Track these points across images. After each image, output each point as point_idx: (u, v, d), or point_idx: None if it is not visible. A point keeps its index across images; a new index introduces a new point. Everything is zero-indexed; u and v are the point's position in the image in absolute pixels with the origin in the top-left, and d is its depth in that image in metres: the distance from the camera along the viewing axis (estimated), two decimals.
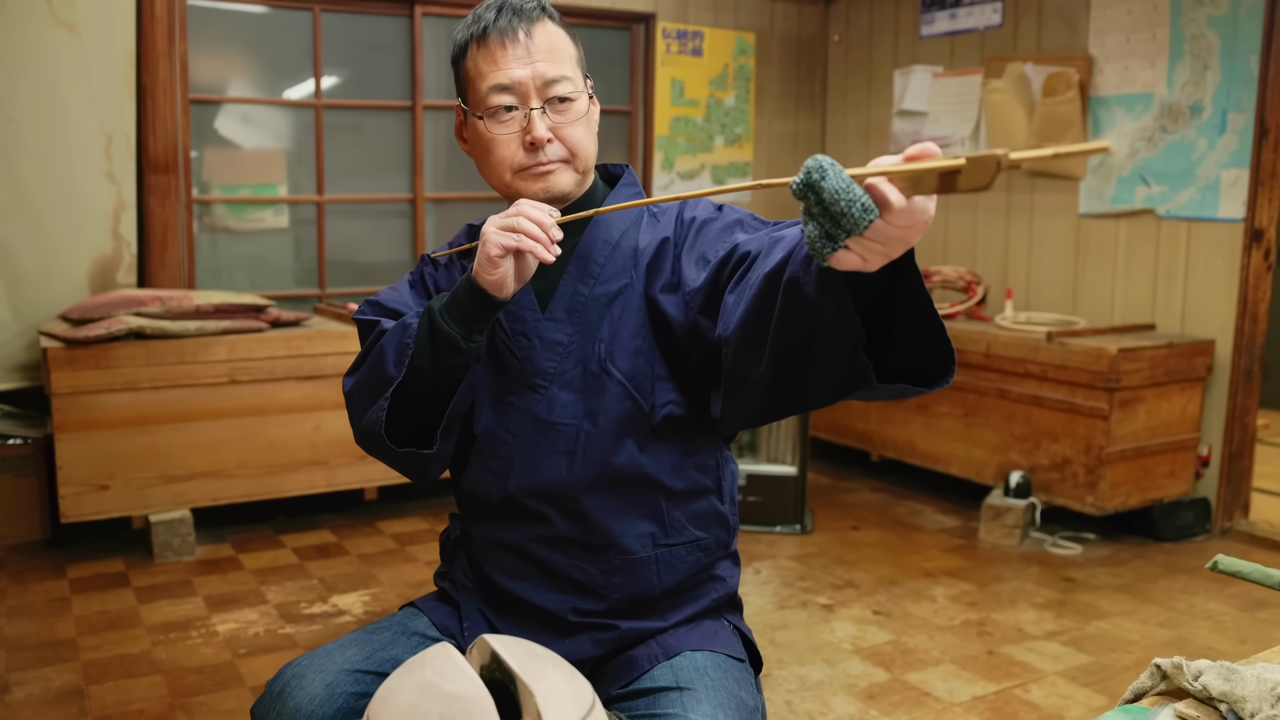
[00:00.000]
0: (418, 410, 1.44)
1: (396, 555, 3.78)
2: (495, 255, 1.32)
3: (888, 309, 1.17)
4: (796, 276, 1.11)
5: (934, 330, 1.13)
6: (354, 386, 1.49)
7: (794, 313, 1.13)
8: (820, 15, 5.73)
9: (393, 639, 1.50)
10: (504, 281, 1.34)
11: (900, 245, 0.96)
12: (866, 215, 0.91)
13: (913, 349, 1.17)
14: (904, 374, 1.18)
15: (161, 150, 4.23)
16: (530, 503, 1.50)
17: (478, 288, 1.35)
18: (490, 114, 1.46)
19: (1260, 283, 4.02)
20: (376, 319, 1.52)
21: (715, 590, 1.59)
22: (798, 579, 3.60)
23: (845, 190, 0.90)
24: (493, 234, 1.33)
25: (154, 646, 3.00)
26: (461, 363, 1.40)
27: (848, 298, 1.07)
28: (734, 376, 1.29)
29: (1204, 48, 4.01)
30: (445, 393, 1.43)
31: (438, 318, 1.38)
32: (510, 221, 1.32)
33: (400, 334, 1.42)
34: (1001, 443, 4.20)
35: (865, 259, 0.97)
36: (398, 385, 1.39)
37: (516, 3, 1.48)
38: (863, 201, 0.90)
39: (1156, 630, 3.22)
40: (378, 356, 1.44)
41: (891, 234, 0.94)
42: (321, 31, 4.56)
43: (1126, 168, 4.31)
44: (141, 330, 3.59)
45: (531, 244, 1.31)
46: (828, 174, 0.90)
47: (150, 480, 3.67)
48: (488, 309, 1.37)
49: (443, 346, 1.38)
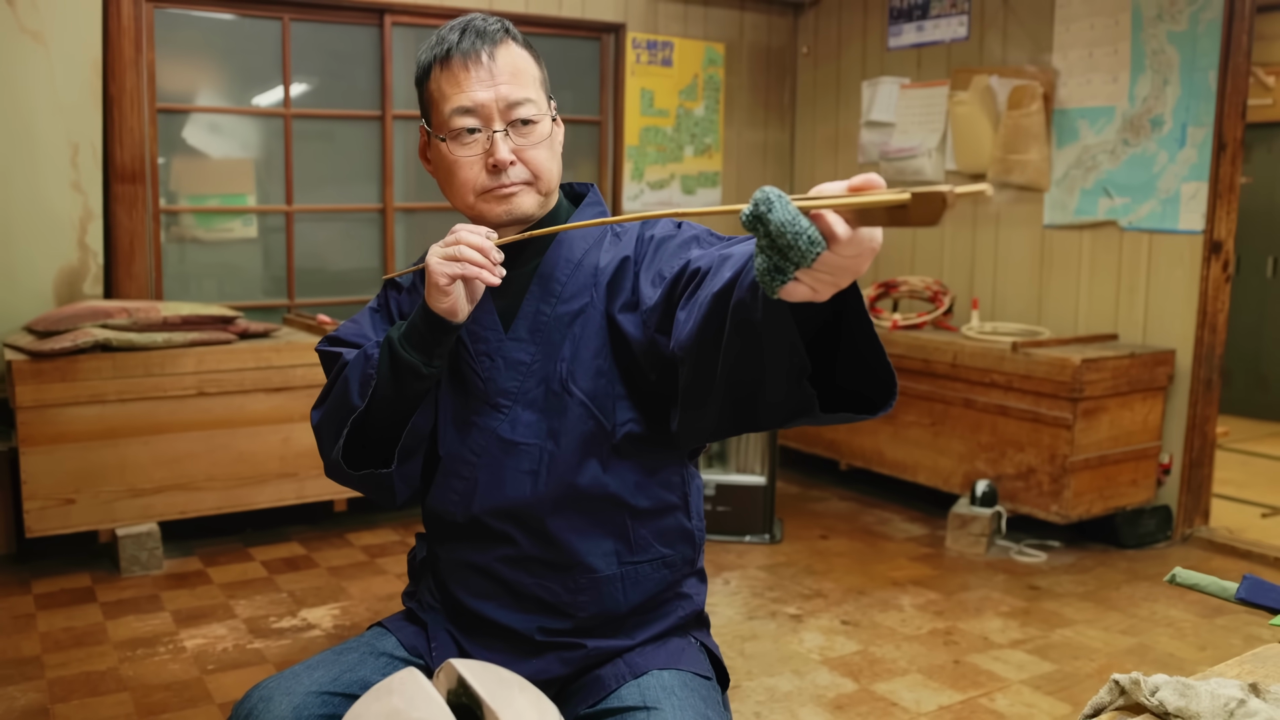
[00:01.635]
0: (385, 434, 1.47)
1: (366, 568, 3.78)
2: (443, 284, 1.36)
3: (832, 336, 1.18)
4: (744, 301, 1.12)
5: (876, 354, 1.14)
6: (321, 419, 1.52)
7: (740, 337, 1.14)
8: (789, 26, 5.77)
9: (361, 660, 1.51)
10: (455, 307, 1.38)
11: (849, 275, 0.96)
12: (814, 248, 0.90)
13: (856, 373, 1.18)
14: (847, 400, 1.19)
15: (128, 160, 4.20)
16: (495, 523, 1.51)
17: (433, 315, 1.39)
18: (453, 136, 1.47)
19: (1219, 294, 4.09)
20: (338, 351, 1.54)
21: (682, 608, 1.60)
22: (767, 589, 3.63)
23: (792, 223, 0.89)
24: (436, 264, 1.36)
25: (121, 663, 2.98)
26: (424, 388, 1.43)
27: (793, 328, 1.07)
28: (688, 392, 1.31)
29: (1164, 63, 4.08)
30: (405, 416, 1.46)
31: (398, 347, 1.42)
32: (451, 251, 1.36)
33: (363, 364, 1.45)
34: (968, 452, 4.24)
35: (815, 289, 0.96)
36: (363, 414, 1.42)
37: (480, 24, 1.49)
38: (809, 234, 0.89)
39: (1119, 638, 3.27)
40: (342, 387, 1.47)
41: (840, 264, 0.93)
42: (290, 40, 4.55)
43: (1090, 180, 4.37)
44: (108, 342, 3.57)
45: (476, 270, 1.35)
46: (774, 206, 0.89)
47: (117, 494, 3.65)
48: (446, 334, 1.41)
49: (405, 374, 1.41)
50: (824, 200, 0.90)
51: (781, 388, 1.15)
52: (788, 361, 1.11)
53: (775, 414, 1.20)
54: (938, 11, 4.97)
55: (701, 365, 1.25)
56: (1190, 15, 3.98)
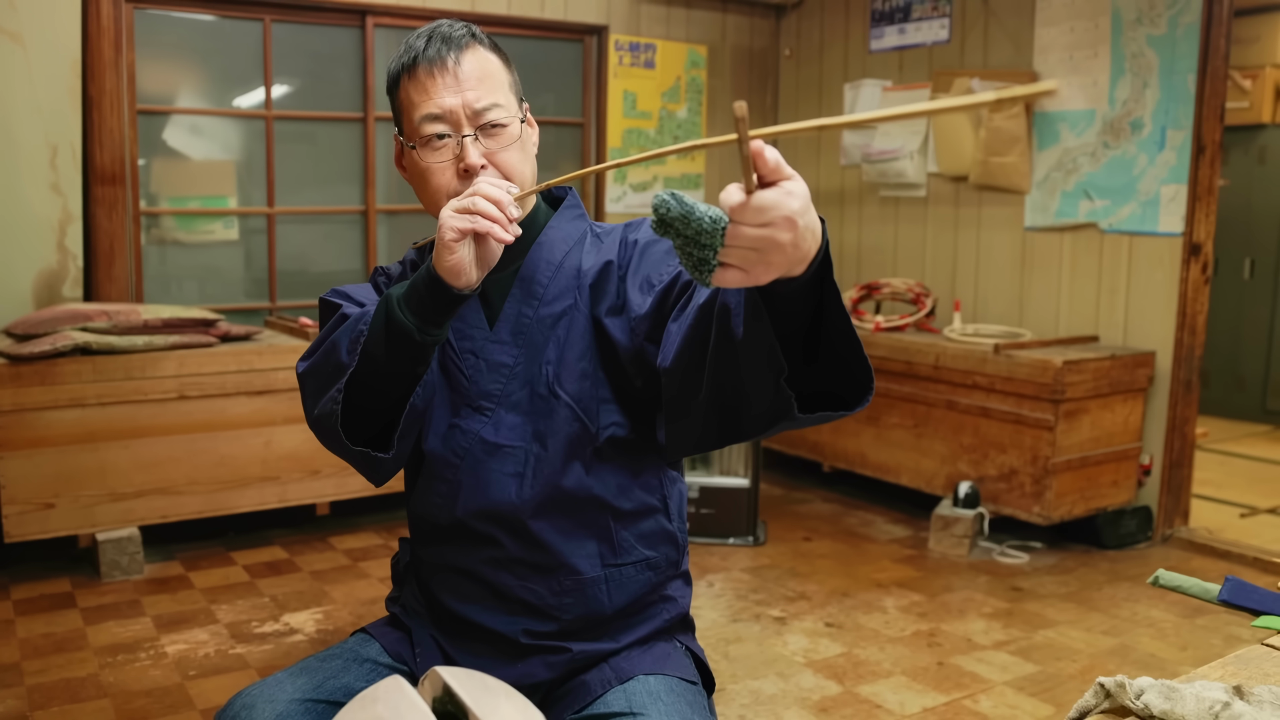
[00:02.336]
0: (371, 402, 1.41)
1: (349, 571, 3.76)
2: (450, 239, 1.30)
3: (811, 338, 1.19)
4: (728, 305, 1.15)
5: (854, 352, 1.15)
6: (306, 370, 1.47)
7: (724, 343, 1.17)
8: (772, 29, 5.78)
9: (344, 666, 1.50)
10: (460, 266, 1.31)
11: (776, 249, 0.96)
12: (717, 224, 0.94)
13: (834, 373, 1.19)
14: (823, 400, 1.21)
15: (108, 162, 4.18)
16: (479, 525, 1.50)
17: (435, 276, 1.33)
18: (424, 143, 1.47)
19: (1198, 295, 4.11)
20: (339, 303, 1.51)
21: (667, 611, 1.60)
22: (751, 591, 3.63)
23: (690, 209, 0.94)
24: (448, 217, 1.31)
25: (101, 669, 2.96)
26: (417, 356, 1.37)
27: (769, 326, 1.10)
28: (675, 404, 1.31)
29: (1144, 66, 4.10)
30: (400, 387, 1.40)
31: (395, 306, 1.36)
32: (466, 203, 1.31)
33: (356, 322, 1.40)
34: (950, 453, 4.26)
35: (746, 270, 0.97)
36: (351, 378, 1.37)
37: (446, 30, 1.48)
38: (710, 214, 0.94)
39: (1101, 639, 3.28)
40: (332, 344, 1.42)
41: (755, 236, 0.94)
42: (272, 42, 4.53)
43: (1070, 182, 4.39)
44: (88, 346, 3.55)
45: (488, 224, 1.29)
46: (669, 204, 0.94)
47: (97, 498, 3.62)
48: (446, 299, 1.34)
49: (397, 336, 1.36)
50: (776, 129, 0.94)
51: (761, 391, 1.16)
52: (767, 364, 1.12)
53: (758, 420, 1.21)
54: (919, 14, 4.99)
55: (689, 378, 1.25)
56: (1169, 19, 4.01)
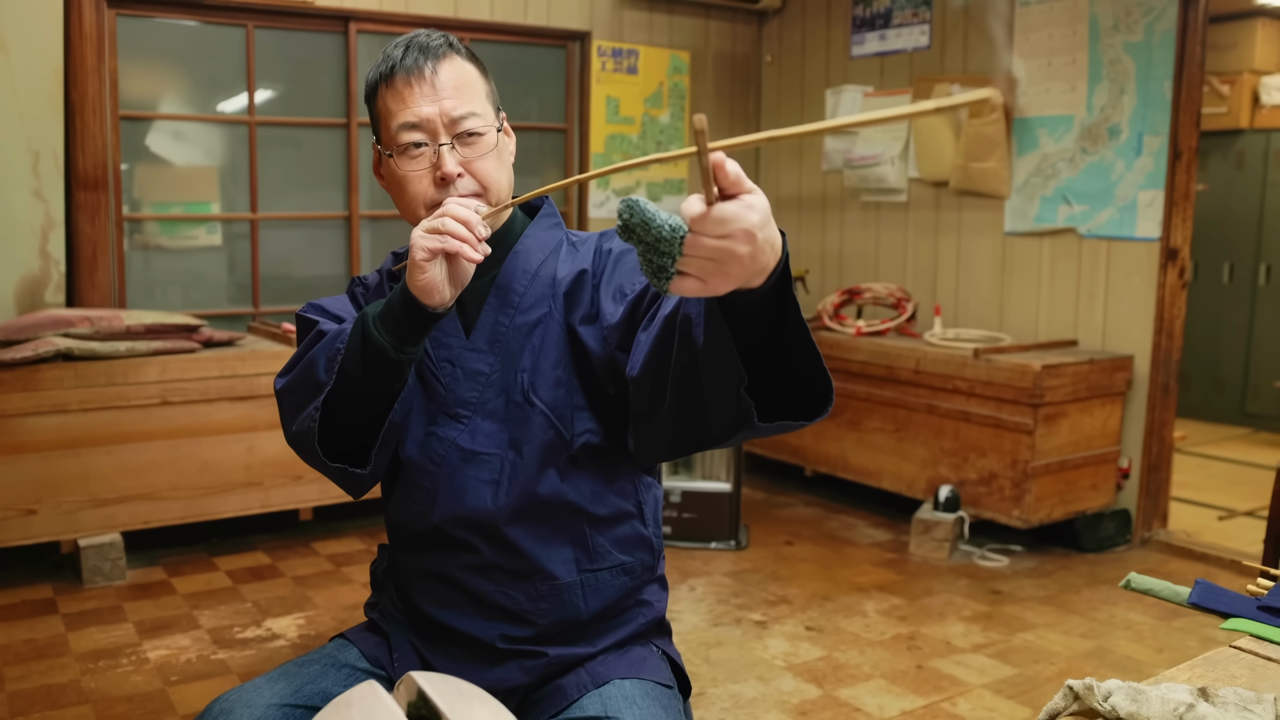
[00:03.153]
0: (349, 419, 1.43)
1: (332, 576, 3.77)
2: (421, 259, 1.31)
3: (773, 349, 1.20)
4: (689, 315, 1.16)
5: (813, 362, 1.17)
6: (284, 387, 1.48)
7: (686, 355, 1.18)
8: (754, 34, 5.81)
9: (322, 671, 1.51)
10: (432, 285, 1.32)
11: (733, 261, 0.97)
12: (676, 233, 0.96)
13: (793, 383, 1.21)
14: (783, 408, 1.22)
15: (91, 167, 4.18)
16: (456, 532, 1.52)
17: (409, 295, 1.34)
18: (401, 151, 1.48)
19: (1176, 300, 4.15)
20: (316, 319, 1.52)
21: (643, 615, 1.61)
22: (732, 595, 3.65)
23: (652, 216, 0.96)
24: (418, 237, 1.32)
25: (82, 675, 2.96)
26: (393, 374, 1.39)
27: (729, 336, 1.11)
28: (642, 413, 1.33)
29: (1121, 72, 4.14)
30: (378, 404, 1.41)
31: (370, 325, 1.37)
32: (435, 223, 1.32)
33: (334, 340, 1.42)
34: (931, 457, 4.29)
35: (704, 280, 0.98)
36: (329, 396, 1.38)
37: (423, 40, 1.50)
38: (670, 222, 0.96)
39: (1078, 641, 3.31)
40: (310, 361, 1.43)
41: (713, 247, 0.95)
42: (255, 47, 4.54)
43: (1049, 188, 4.43)
44: (70, 352, 3.55)
45: (457, 244, 1.30)
46: (634, 209, 0.96)
47: (80, 504, 3.62)
48: (420, 318, 1.35)
49: (373, 355, 1.37)
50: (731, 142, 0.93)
51: (723, 400, 1.17)
52: (726, 374, 1.13)
53: (719, 428, 1.23)
54: (900, 20, 5.02)
55: (655, 387, 1.27)
56: (1145, 26, 4.05)
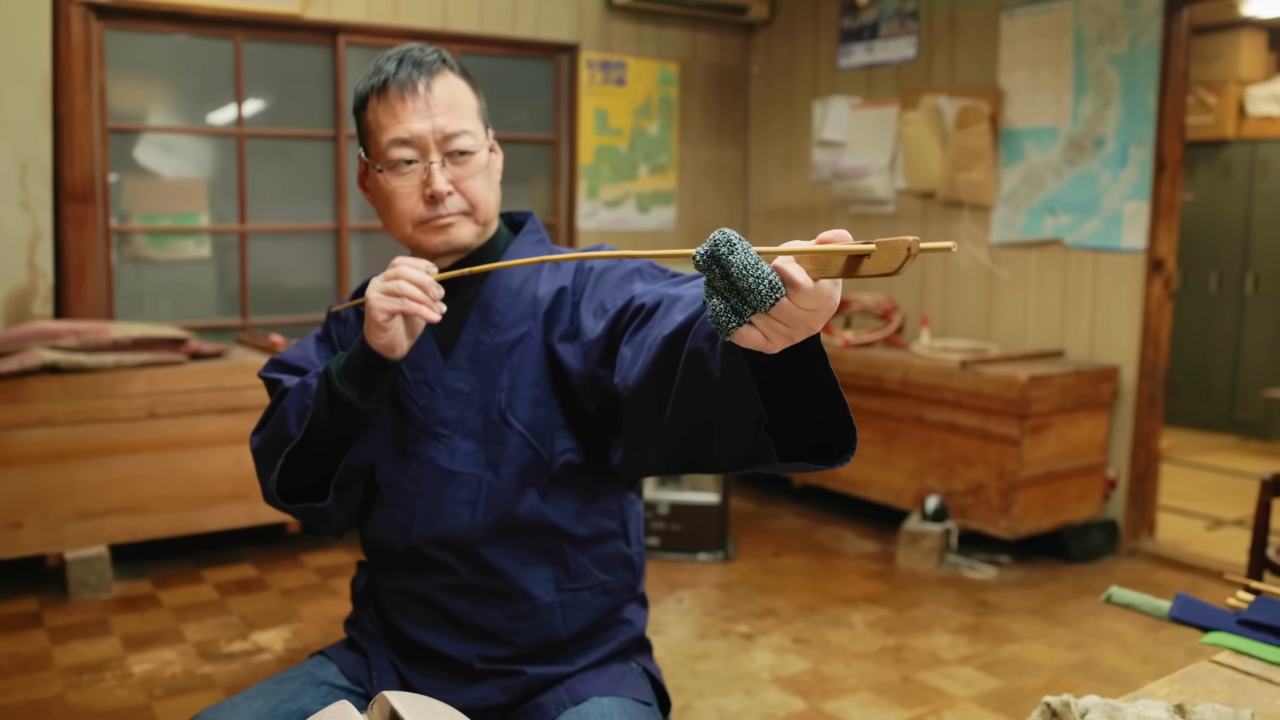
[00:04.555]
0: (323, 463, 1.47)
1: (319, 589, 3.76)
2: (382, 320, 1.35)
3: (793, 387, 1.14)
4: (700, 349, 1.09)
5: (837, 408, 1.10)
6: (259, 445, 1.52)
7: (695, 385, 1.11)
8: (742, 46, 5.82)
9: (300, 689, 1.51)
10: (394, 343, 1.38)
11: (804, 329, 0.94)
12: (774, 293, 0.89)
13: (815, 425, 1.13)
14: (806, 448, 1.15)
15: (79, 179, 4.18)
16: (433, 552, 1.52)
17: (370, 351, 1.38)
18: (390, 167, 1.49)
19: (1161, 310, 4.17)
20: (279, 377, 1.54)
21: (623, 633, 1.62)
22: (719, 607, 3.65)
23: (754, 266, 0.88)
24: (376, 299, 1.36)
25: (66, 690, 2.95)
26: (362, 422, 1.43)
27: (749, 376, 1.04)
28: (634, 431, 1.28)
29: (1106, 84, 4.16)
30: (347, 446, 1.46)
31: (334, 380, 1.42)
32: (390, 286, 1.36)
33: (301, 394, 1.45)
34: (919, 468, 4.29)
35: (768, 339, 0.94)
36: (301, 444, 1.42)
37: (417, 55, 1.50)
38: (770, 279, 0.89)
39: (1065, 653, 3.32)
40: (280, 417, 1.47)
41: (797, 315, 0.91)
42: (244, 60, 4.54)
43: (1036, 198, 4.44)
44: (56, 364, 3.54)
45: (416, 306, 1.35)
46: (736, 249, 0.89)
47: (66, 517, 3.61)
48: (383, 369, 1.40)
49: (340, 408, 1.41)
50: (785, 249, 0.90)
51: (735, 435, 1.11)
52: (743, 411, 1.07)
53: (730, 460, 1.15)
54: (887, 32, 5.04)
55: (649, 407, 1.22)
56: (1130, 38, 4.07)
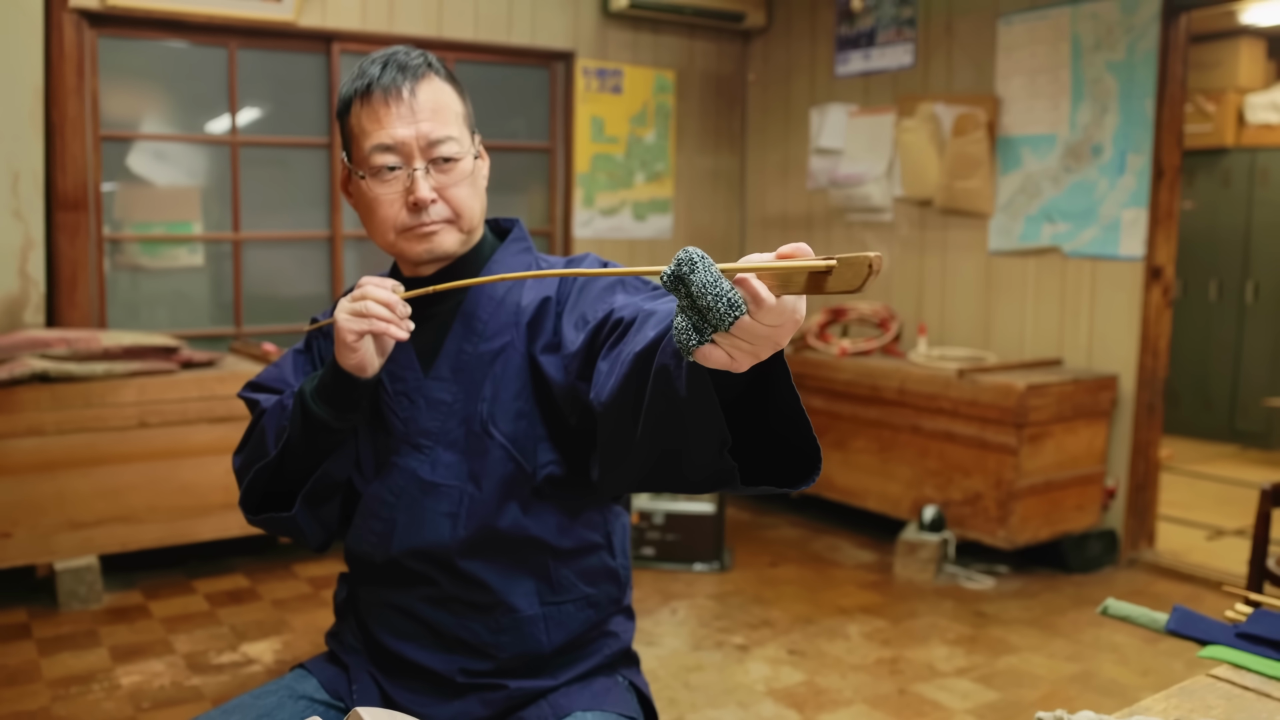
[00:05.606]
0: (303, 477, 1.47)
1: (311, 600, 3.73)
2: (351, 341, 1.35)
3: (758, 409, 1.12)
4: (666, 366, 1.06)
5: (801, 428, 1.07)
6: (241, 465, 1.53)
7: (663, 403, 1.09)
8: (739, 54, 5.81)
9: (279, 703, 1.48)
10: (364, 363, 1.38)
11: (769, 345, 0.92)
12: (733, 311, 0.88)
13: (779, 448, 1.11)
14: (769, 473, 1.12)
15: (71, 188, 4.16)
16: (414, 564, 1.49)
17: (341, 371, 1.38)
18: (373, 173, 1.46)
19: (1160, 319, 4.14)
20: (256, 398, 1.55)
21: (608, 646, 1.59)
22: (714, 618, 3.62)
23: (713, 284, 0.88)
24: (344, 320, 1.35)
25: (53, 702, 2.92)
26: (338, 440, 1.43)
27: (713, 396, 1.02)
28: (608, 449, 1.25)
29: (1103, 91, 4.14)
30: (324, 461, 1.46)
31: (308, 401, 1.41)
32: (358, 306, 1.35)
33: (279, 415, 1.46)
34: (916, 478, 4.26)
35: (733, 357, 0.92)
36: (279, 463, 1.43)
37: (402, 58, 1.47)
38: (730, 297, 0.88)
39: (1063, 665, 3.28)
40: (259, 436, 1.48)
41: (759, 332, 0.90)
42: (238, 68, 4.53)
43: (1034, 206, 4.42)
44: (46, 373, 3.52)
45: (384, 326, 1.34)
46: (697, 267, 0.88)
47: (56, 527, 3.58)
48: (355, 390, 1.40)
49: (315, 428, 1.41)
50: (746, 265, 0.88)
51: (701, 456, 1.09)
52: (707, 431, 1.05)
53: (700, 480, 1.13)
54: (884, 40, 5.02)
55: (622, 424, 1.20)
56: (1127, 45, 4.05)
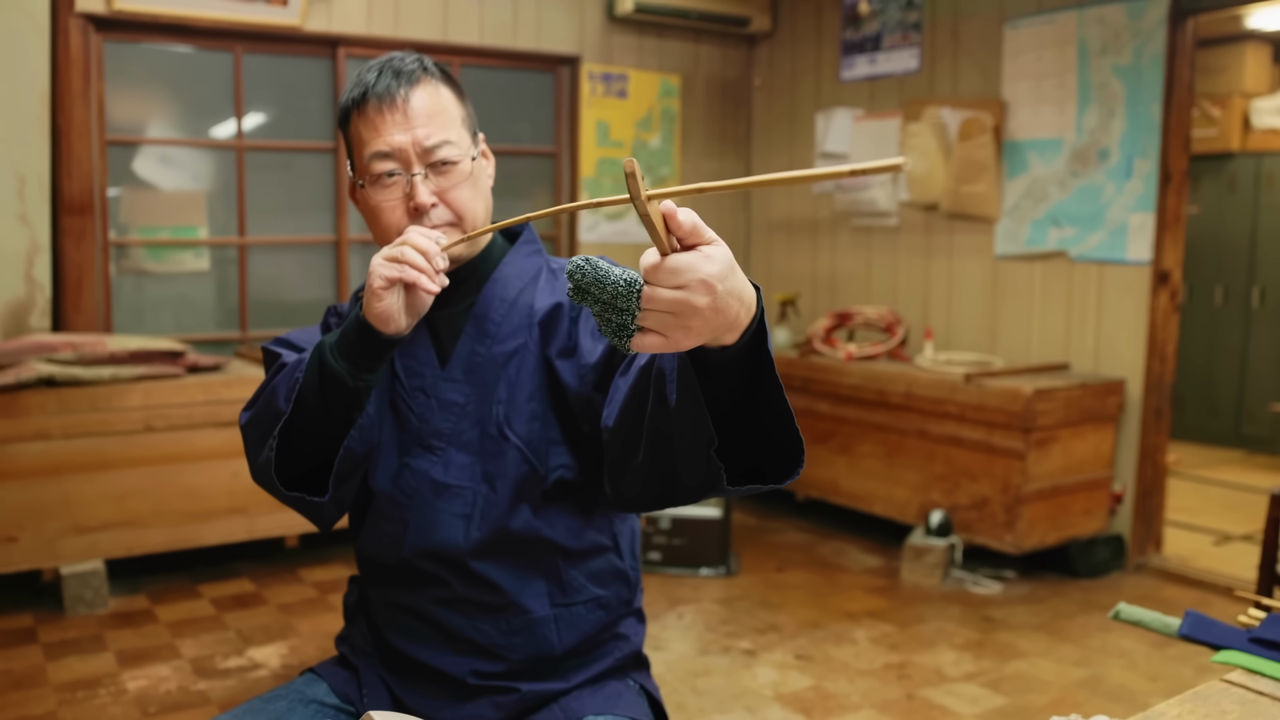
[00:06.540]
0: (311, 446, 1.40)
1: (317, 604, 3.72)
2: (379, 287, 1.30)
3: (746, 411, 1.16)
4: (664, 371, 1.12)
5: (786, 424, 1.11)
6: (248, 421, 1.46)
7: (660, 411, 1.14)
8: (744, 58, 5.81)
9: (289, 708, 1.48)
10: (389, 314, 1.31)
11: (695, 315, 0.94)
12: (632, 286, 0.93)
13: (765, 446, 1.16)
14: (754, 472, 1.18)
15: (77, 192, 4.16)
16: (425, 565, 1.48)
17: (365, 322, 1.33)
18: (373, 181, 1.45)
19: (1168, 323, 4.13)
20: (280, 351, 1.51)
21: (619, 649, 1.58)
22: (721, 623, 3.61)
23: (605, 272, 0.93)
24: (377, 265, 1.31)
25: (59, 707, 2.91)
26: (351, 402, 1.37)
27: (700, 395, 1.07)
28: (616, 466, 1.29)
29: (1110, 95, 4.13)
30: (339, 430, 1.39)
31: (327, 353, 1.36)
32: (395, 251, 1.31)
33: (293, 369, 1.40)
34: (923, 482, 4.25)
35: (665, 335, 0.95)
36: (290, 423, 1.36)
37: (398, 64, 1.47)
38: (625, 276, 0.93)
39: (1071, 670, 3.27)
40: (271, 393, 1.42)
41: (669, 298, 0.93)
42: (243, 72, 4.53)
43: (1040, 210, 4.41)
44: (52, 377, 3.51)
45: (415, 274, 1.30)
46: (584, 269, 0.94)
47: (62, 531, 3.58)
48: (376, 345, 1.35)
49: (330, 383, 1.36)
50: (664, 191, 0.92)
51: (696, 463, 1.13)
52: (697, 434, 1.09)
53: (691, 491, 1.18)
54: (890, 44, 5.02)
55: (629, 440, 1.23)
56: (1134, 49, 4.04)
